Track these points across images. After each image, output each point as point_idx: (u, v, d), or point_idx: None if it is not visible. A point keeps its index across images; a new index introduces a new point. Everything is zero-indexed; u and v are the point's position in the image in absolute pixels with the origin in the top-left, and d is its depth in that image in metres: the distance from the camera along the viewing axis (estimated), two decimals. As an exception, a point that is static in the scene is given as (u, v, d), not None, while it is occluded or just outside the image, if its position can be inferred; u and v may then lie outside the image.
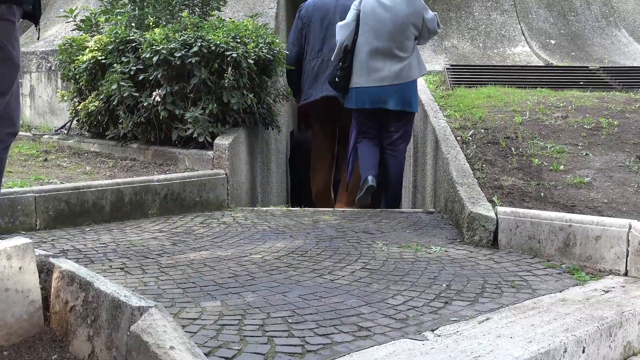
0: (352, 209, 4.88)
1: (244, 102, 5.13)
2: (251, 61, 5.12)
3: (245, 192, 5.23)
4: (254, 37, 5.33)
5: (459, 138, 5.10)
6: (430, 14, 5.16)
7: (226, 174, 4.78)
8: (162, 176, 4.56)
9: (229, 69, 5.01)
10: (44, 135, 6.61)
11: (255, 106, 5.27)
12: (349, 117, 5.78)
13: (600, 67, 7.93)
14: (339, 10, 5.81)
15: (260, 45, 5.32)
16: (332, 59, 5.36)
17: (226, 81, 5.00)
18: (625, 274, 3.00)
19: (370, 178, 4.97)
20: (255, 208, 4.85)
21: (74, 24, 6.33)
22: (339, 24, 5.24)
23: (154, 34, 5.17)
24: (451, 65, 7.88)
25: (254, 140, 5.60)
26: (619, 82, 7.41)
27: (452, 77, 7.41)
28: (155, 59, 5.03)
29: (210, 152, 4.89)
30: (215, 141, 4.86)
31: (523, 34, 8.96)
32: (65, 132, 6.62)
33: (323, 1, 5.96)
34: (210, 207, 4.69)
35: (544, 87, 7.10)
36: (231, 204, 4.82)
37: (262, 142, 5.99)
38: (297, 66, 5.95)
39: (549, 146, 4.93)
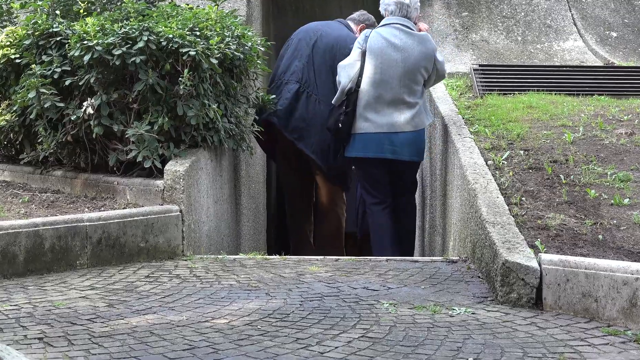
0: (348, 257, 4.90)
1: (205, 115, 5.16)
2: (215, 60, 5.16)
3: (206, 235, 5.24)
4: (218, 29, 5.38)
5: (490, 162, 5.14)
6: (441, 56, 5.99)
7: (181, 211, 4.79)
8: (96, 214, 4.57)
9: (185, 71, 5.05)
10: (-63, 159, 6.60)
11: (220, 120, 5.31)
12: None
13: (677, 68, 8.01)
14: (314, 40, 6.55)
15: (227, 39, 5.37)
16: (333, 101, 5.94)
17: (181, 87, 5.04)
18: None
19: None
20: (219, 256, 4.86)
21: (-21, 12, 6.38)
22: (341, 63, 5.92)
23: (86, 24, 5.21)
24: (480, 66, 7.95)
25: (219, 165, 5.63)
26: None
27: (481, 81, 7.48)
28: (86, 58, 5.06)
29: (159, 182, 4.91)
30: (167, 167, 4.89)
31: (575, 24, 9.08)
32: (-34, 154, 6.61)
33: (309, 26, 6.77)
34: (160, 256, 4.69)
35: (602, 94, 7.16)
36: (187, 250, 4.82)
37: (229, 167, 6.01)
38: None
39: (609, 173, 4.98)
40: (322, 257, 4.93)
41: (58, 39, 5.42)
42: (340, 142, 6.02)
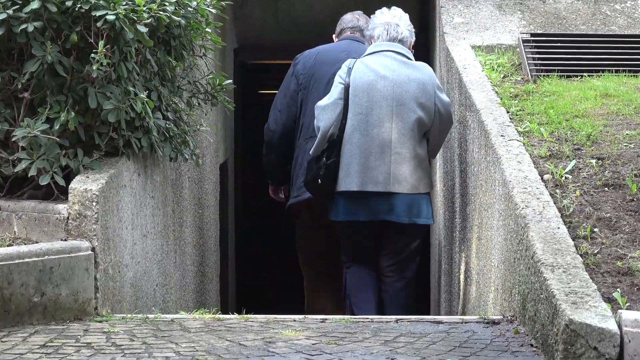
0: (341, 317, 4.89)
1: (130, 109, 5.14)
2: (143, 28, 5.14)
3: (130, 285, 5.22)
4: (147, -17, 5.38)
5: (547, 177, 5.14)
6: (445, 95, 6.57)
7: (93, 249, 4.76)
8: (-33, 254, 4.53)
9: (101, 43, 5.03)
10: None
11: (152, 116, 5.29)
12: None
13: None
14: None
15: (160, -2, 5.37)
16: (311, 152, 6.39)
17: (95, 68, 5.01)
18: None
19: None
20: (150, 316, 4.84)
21: None
22: (319, 104, 6.37)
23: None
24: (532, 35, 7.98)
25: (150, 182, 5.62)
26: None
27: (534, 58, 7.50)
28: (-45, 25, 5.05)
29: (62, 207, 4.89)
30: (73, 185, 4.87)
31: (669, -25, 9.13)
32: None
33: (328, 52, 7.15)
34: (63, 315, 4.65)
35: None
36: (103, 307, 4.79)
37: (165, 185, 6.00)
38: (282, 144, 7.13)
39: None
40: (301, 316, 4.91)
41: None
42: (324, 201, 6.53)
